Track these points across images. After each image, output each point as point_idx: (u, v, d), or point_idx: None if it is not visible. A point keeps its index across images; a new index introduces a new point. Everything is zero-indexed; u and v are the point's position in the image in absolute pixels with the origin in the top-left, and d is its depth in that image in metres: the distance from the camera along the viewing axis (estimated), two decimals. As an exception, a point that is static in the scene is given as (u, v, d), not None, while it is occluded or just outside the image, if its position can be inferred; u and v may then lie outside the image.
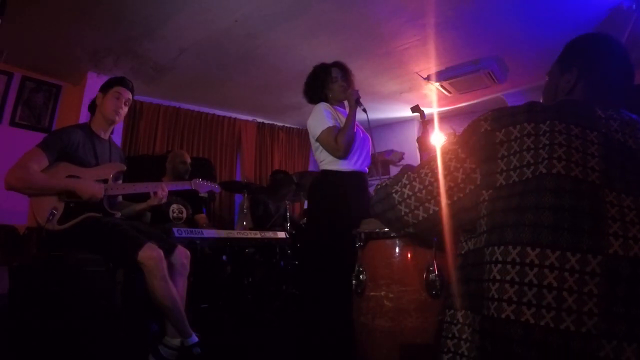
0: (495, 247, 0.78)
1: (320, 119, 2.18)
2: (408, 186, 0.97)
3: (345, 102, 2.33)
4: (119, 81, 2.14)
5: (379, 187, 1.07)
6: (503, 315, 0.73)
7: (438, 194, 0.93)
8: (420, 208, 0.95)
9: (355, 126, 2.21)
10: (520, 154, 0.82)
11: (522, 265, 0.74)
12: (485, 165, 0.87)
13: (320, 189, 2.23)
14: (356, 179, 2.21)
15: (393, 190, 1.00)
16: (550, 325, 0.69)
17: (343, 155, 2.15)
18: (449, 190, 0.92)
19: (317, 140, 2.20)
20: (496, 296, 0.75)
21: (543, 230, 0.74)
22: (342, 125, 2.17)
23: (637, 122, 0.86)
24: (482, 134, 0.90)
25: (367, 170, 2.34)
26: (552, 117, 0.84)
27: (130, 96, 2.16)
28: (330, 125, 2.14)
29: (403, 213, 0.98)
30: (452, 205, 0.92)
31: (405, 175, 0.99)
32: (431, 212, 0.94)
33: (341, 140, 2.11)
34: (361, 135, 2.30)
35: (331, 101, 2.31)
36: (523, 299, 0.72)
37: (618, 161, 0.79)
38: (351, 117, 2.17)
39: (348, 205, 2.09)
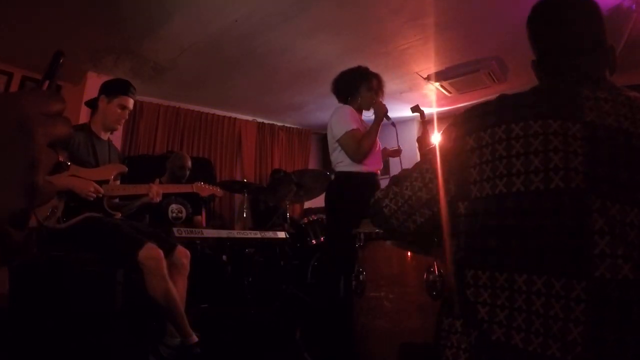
0: (480, 272, 0.76)
1: (345, 120, 2.20)
2: (393, 201, 0.99)
3: (364, 112, 2.39)
4: (124, 89, 2.10)
5: (372, 201, 1.08)
6: (494, 337, 0.72)
7: (420, 205, 0.93)
8: (409, 220, 0.97)
9: None
10: (493, 164, 0.78)
11: (511, 291, 0.72)
12: (458, 175, 0.84)
13: (339, 191, 2.28)
14: (369, 179, 2.27)
15: (383, 205, 1.01)
16: (538, 351, 0.68)
17: (362, 159, 2.19)
18: (427, 202, 0.92)
19: (337, 140, 2.21)
20: (486, 318, 0.74)
21: (528, 255, 0.72)
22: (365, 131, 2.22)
23: (635, 100, 0.76)
24: (453, 141, 0.87)
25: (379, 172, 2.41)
26: (526, 115, 0.77)
27: (133, 104, 2.15)
28: (354, 127, 2.16)
29: (396, 226, 1.00)
30: (433, 216, 0.92)
31: (391, 190, 1.01)
32: (418, 223, 0.95)
33: (365, 144, 2.15)
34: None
35: (354, 105, 2.34)
36: (513, 323, 0.71)
37: (606, 155, 0.71)
38: (376, 126, 2.22)
39: (363, 205, 2.13)
